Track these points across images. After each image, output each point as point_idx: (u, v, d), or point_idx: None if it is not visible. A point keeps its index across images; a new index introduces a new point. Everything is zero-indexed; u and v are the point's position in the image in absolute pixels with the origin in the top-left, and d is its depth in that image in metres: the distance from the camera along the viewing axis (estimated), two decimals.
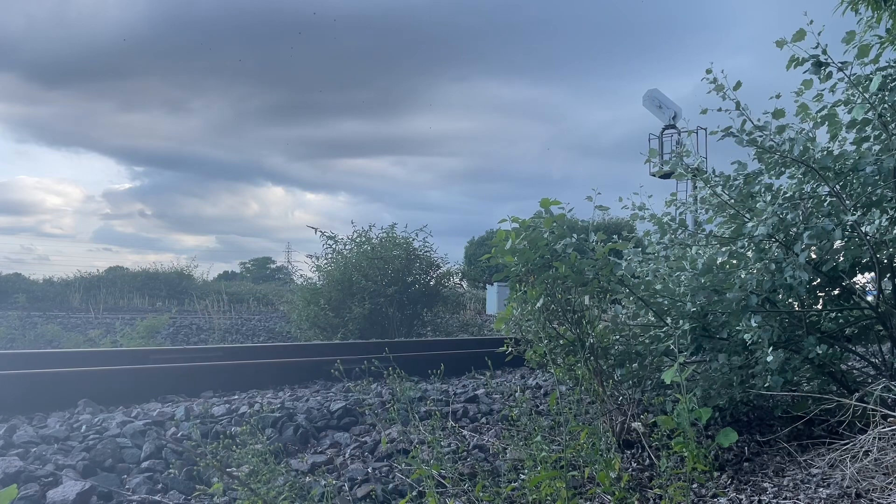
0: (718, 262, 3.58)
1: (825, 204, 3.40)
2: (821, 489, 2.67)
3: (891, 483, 2.56)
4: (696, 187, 3.85)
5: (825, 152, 3.29)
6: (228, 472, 2.60)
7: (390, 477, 3.17)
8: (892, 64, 3.26)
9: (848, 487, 2.61)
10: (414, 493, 2.91)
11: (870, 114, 3.22)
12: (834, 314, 3.89)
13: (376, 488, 2.96)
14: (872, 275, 3.51)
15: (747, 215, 3.48)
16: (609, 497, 2.65)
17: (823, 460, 2.96)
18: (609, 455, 2.72)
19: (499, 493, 2.69)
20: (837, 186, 3.35)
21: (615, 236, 3.61)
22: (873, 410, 2.88)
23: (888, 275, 3.53)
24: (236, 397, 4.97)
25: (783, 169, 3.49)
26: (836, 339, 3.71)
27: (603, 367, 3.52)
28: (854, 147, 3.44)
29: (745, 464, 3.19)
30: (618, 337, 3.75)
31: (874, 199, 3.32)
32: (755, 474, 3.03)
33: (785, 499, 2.64)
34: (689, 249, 3.74)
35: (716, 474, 2.93)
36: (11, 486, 1.35)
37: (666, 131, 21.87)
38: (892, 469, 2.63)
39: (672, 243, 3.75)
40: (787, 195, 3.35)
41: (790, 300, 3.56)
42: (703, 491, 2.79)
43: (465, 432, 3.95)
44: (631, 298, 3.63)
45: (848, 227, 3.18)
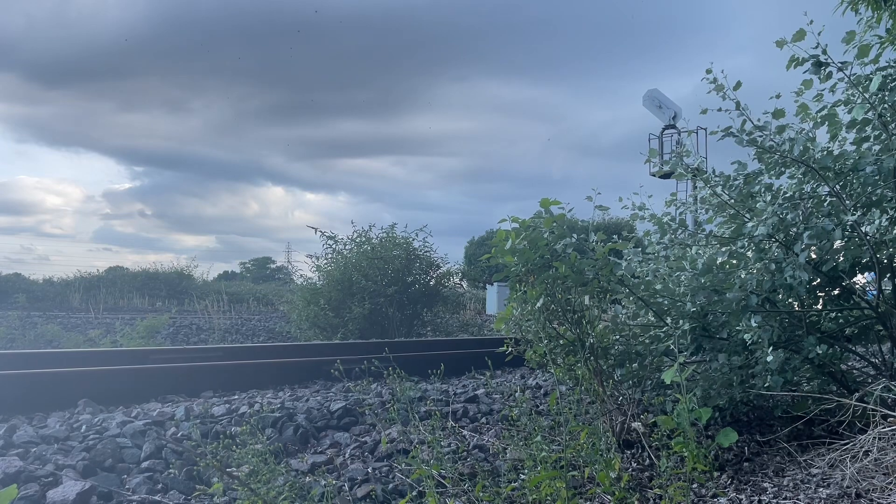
0: (718, 262, 3.58)
1: (825, 204, 3.40)
2: (821, 489, 2.67)
3: (891, 483, 2.56)
4: (696, 187, 3.85)
5: (825, 152, 3.29)
6: (228, 472, 2.60)
7: (390, 477, 3.17)
8: (892, 64, 3.26)
9: (848, 487, 2.61)
10: (414, 493, 2.91)
11: (870, 114, 3.22)
12: (834, 314, 3.89)
13: (376, 488, 2.96)
14: (872, 274, 3.51)
15: (747, 215, 3.48)
16: (609, 497, 2.65)
17: (823, 460, 2.96)
18: (609, 455, 2.72)
19: (499, 493, 2.69)
20: (837, 186, 3.35)
21: (615, 236, 3.61)
22: (873, 410, 2.88)
23: (888, 275, 3.53)
24: (236, 397, 4.97)
25: (783, 169, 3.49)
26: (836, 339, 3.71)
27: (603, 367, 3.52)
28: (854, 147, 3.44)
29: (745, 464, 3.19)
30: (618, 337, 3.75)
31: (874, 199, 3.32)
32: (755, 474, 3.03)
33: (785, 499, 2.64)
34: (689, 249, 3.74)
35: (716, 474, 2.93)
36: (11, 486, 1.35)
37: (666, 131, 21.88)
38: (892, 469, 2.63)
39: (672, 243, 3.75)
40: (787, 195, 3.35)
41: (790, 300, 3.56)
42: (703, 491, 2.79)
43: (465, 432, 3.95)
44: (631, 298, 3.63)
45: (848, 227, 3.18)
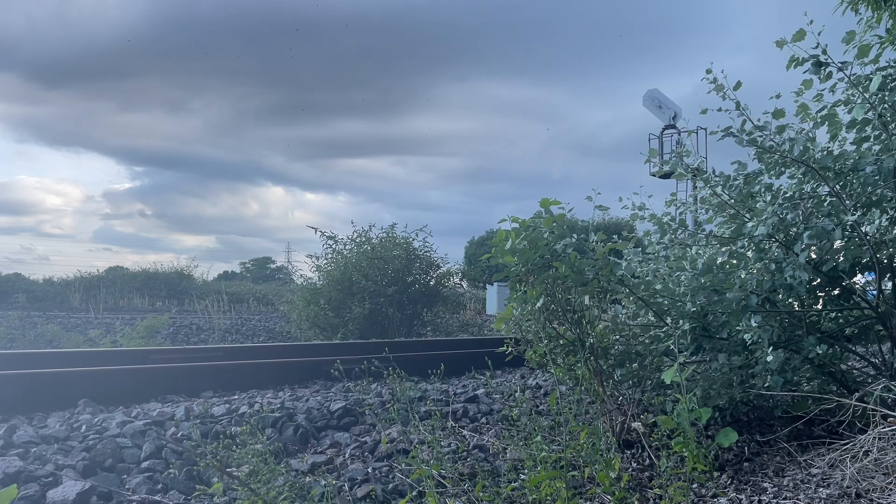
0: (718, 262, 3.58)
1: (825, 204, 3.40)
2: (821, 489, 2.67)
3: (891, 483, 2.56)
4: (696, 187, 3.85)
5: (825, 152, 3.29)
6: (228, 472, 2.60)
7: (390, 477, 3.17)
8: (892, 64, 3.26)
9: (848, 487, 2.61)
10: (414, 493, 2.91)
11: (870, 114, 3.22)
12: (834, 314, 3.89)
13: (376, 488, 2.96)
14: (872, 274, 3.50)
15: (747, 215, 3.48)
16: (609, 497, 2.65)
17: (823, 460, 2.96)
18: (609, 455, 2.72)
19: (499, 493, 2.69)
20: (837, 186, 3.35)
21: (615, 236, 3.61)
22: (873, 410, 2.88)
23: (888, 275, 3.53)
24: (236, 397, 4.97)
25: (783, 169, 3.49)
26: (836, 339, 3.71)
27: (603, 367, 3.52)
28: (854, 147, 3.44)
29: (745, 464, 3.19)
30: (618, 337, 3.75)
31: (874, 199, 3.32)
32: (755, 474, 3.03)
33: (785, 499, 2.64)
34: (689, 249, 3.74)
35: (716, 474, 2.93)
36: (11, 486, 1.35)
37: (666, 131, 21.87)
38: (892, 469, 2.63)
39: (672, 243, 3.75)
40: (787, 195, 3.35)
41: (790, 300, 3.56)
42: (703, 491, 2.79)
43: (465, 432, 3.95)
44: (631, 298, 3.63)
45: (848, 227, 3.18)
